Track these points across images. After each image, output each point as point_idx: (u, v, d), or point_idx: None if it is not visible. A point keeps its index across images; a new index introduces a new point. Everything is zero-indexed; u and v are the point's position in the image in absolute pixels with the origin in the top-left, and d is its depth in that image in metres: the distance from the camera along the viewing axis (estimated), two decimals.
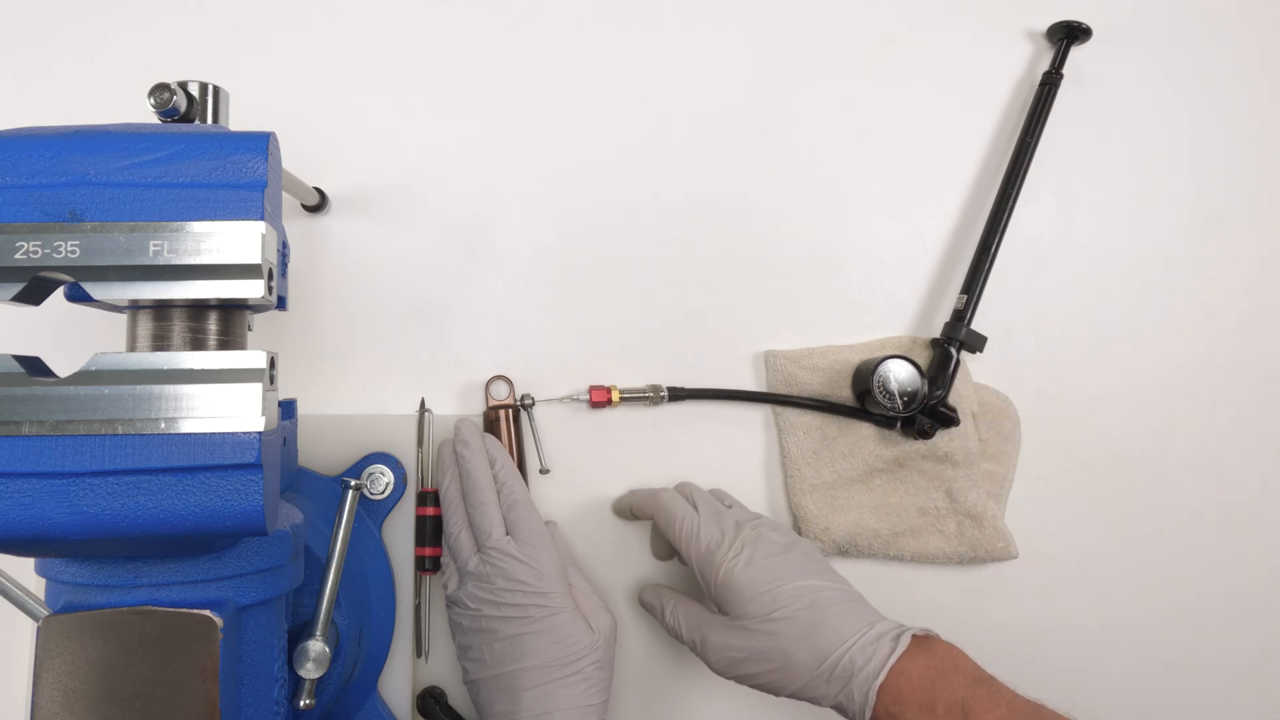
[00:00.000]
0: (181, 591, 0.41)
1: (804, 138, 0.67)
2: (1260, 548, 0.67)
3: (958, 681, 0.46)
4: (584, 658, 0.52)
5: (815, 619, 0.49)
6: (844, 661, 0.48)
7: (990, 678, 0.47)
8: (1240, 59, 0.70)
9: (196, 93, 0.45)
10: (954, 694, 0.45)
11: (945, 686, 0.45)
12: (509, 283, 0.65)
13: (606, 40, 0.67)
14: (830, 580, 0.52)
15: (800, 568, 0.52)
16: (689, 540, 0.54)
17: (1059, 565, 0.65)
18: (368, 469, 0.59)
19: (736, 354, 0.66)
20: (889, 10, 0.69)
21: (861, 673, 0.47)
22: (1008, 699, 0.45)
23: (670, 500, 0.57)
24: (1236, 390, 0.67)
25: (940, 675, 0.46)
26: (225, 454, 0.38)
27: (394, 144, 0.65)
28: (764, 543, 0.53)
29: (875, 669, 0.47)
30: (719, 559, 0.53)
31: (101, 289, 0.38)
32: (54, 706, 0.37)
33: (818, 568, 0.53)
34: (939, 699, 0.45)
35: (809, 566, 0.53)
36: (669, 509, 0.56)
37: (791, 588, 0.51)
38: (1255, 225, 0.69)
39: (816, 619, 0.49)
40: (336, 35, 0.66)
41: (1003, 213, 0.64)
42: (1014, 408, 0.66)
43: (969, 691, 0.45)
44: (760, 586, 0.51)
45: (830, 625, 0.49)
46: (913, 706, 0.46)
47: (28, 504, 0.36)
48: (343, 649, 0.52)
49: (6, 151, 0.38)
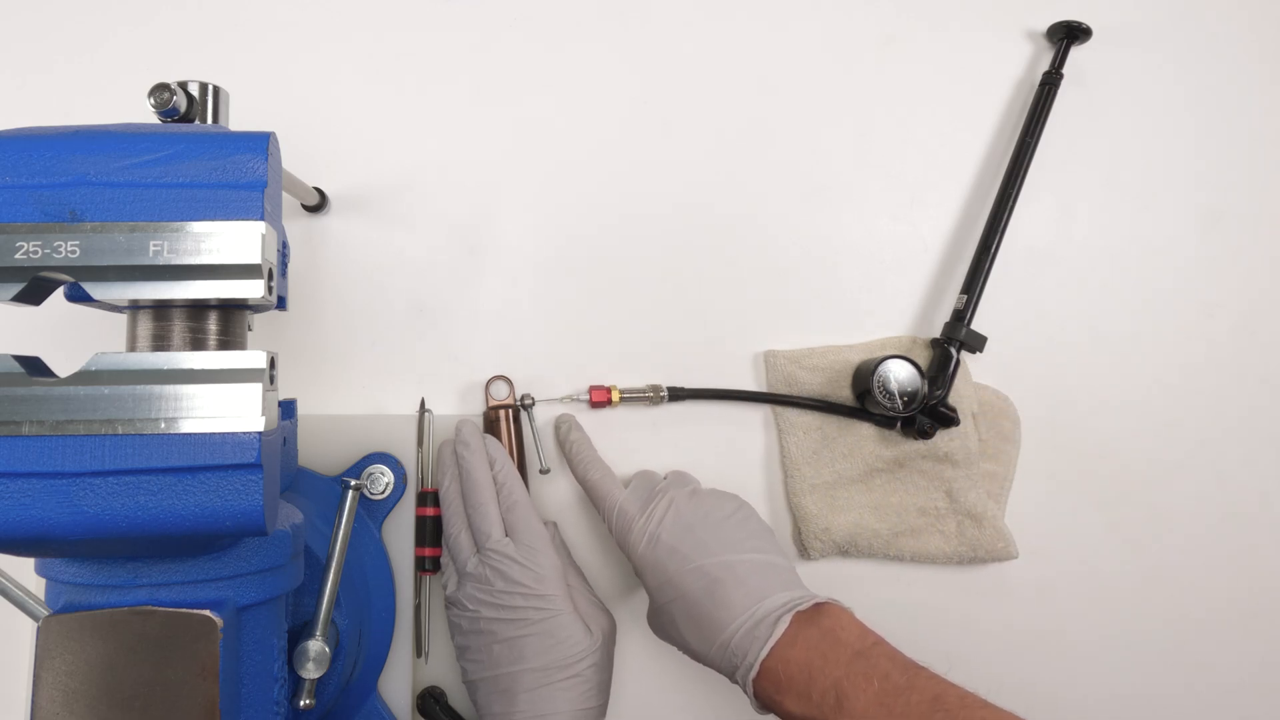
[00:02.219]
0: (181, 591, 0.41)
1: (804, 138, 0.67)
2: (1260, 548, 0.67)
3: (836, 658, 0.45)
4: (582, 660, 0.52)
5: (704, 604, 0.50)
6: (729, 651, 0.49)
7: (873, 645, 0.46)
8: (1240, 59, 0.70)
9: (196, 93, 0.45)
10: (829, 676, 0.45)
11: (822, 667, 0.45)
12: (509, 282, 0.65)
13: (607, 41, 0.67)
14: (732, 552, 0.51)
15: (704, 544, 0.52)
16: (608, 518, 0.56)
17: (1059, 565, 0.65)
18: (368, 469, 0.59)
19: (736, 354, 0.66)
20: (889, 10, 0.69)
21: (743, 664, 0.48)
22: (882, 674, 0.44)
23: (600, 479, 0.58)
24: (1237, 390, 0.67)
25: (819, 655, 0.46)
26: (225, 454, 0.38)
27: (394, 144, 0.65)
28: (670, 520, 0.54)
29: (751, 661, 0.47)
30: (632, 540, 0.54)
31: (101, 289, 0.38)
32: (54, 706, 0.37)
33: (725, 538, 0.53)
34: (814, 683, 0.45)
35: (715, 540, 0.52)
36: (598, 487, 0.58)
37: (691, 568, 0.51)
38: (1256, 225, 0.69)
39: (705, 604, 0.50)
40: (337, 36, 0.66)
41: (1003, 213, 0.64)
42: (1014, 408, 0.66)
43: (845, 670, 0.45)
44: (659, 574, 0.52)
45: (715, 615, 0.49)
46: (791, 694, 0.46)
47: (28, 504, 0.36)
48: (343, 649, 0.52)
49: (6, 151, 0.38)
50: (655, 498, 0.56)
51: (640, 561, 0.54)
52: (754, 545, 0.53)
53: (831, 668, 0.45)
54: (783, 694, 0.46)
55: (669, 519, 0.54)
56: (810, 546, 0.62)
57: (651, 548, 0.53)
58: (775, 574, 0.51)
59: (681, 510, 0.54)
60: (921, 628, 0.48)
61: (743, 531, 0.54)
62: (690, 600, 0.50)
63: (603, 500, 0.57)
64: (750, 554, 0.52)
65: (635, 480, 0.60)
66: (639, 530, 0.54)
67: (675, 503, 0.55)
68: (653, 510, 0.55)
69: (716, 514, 0.55)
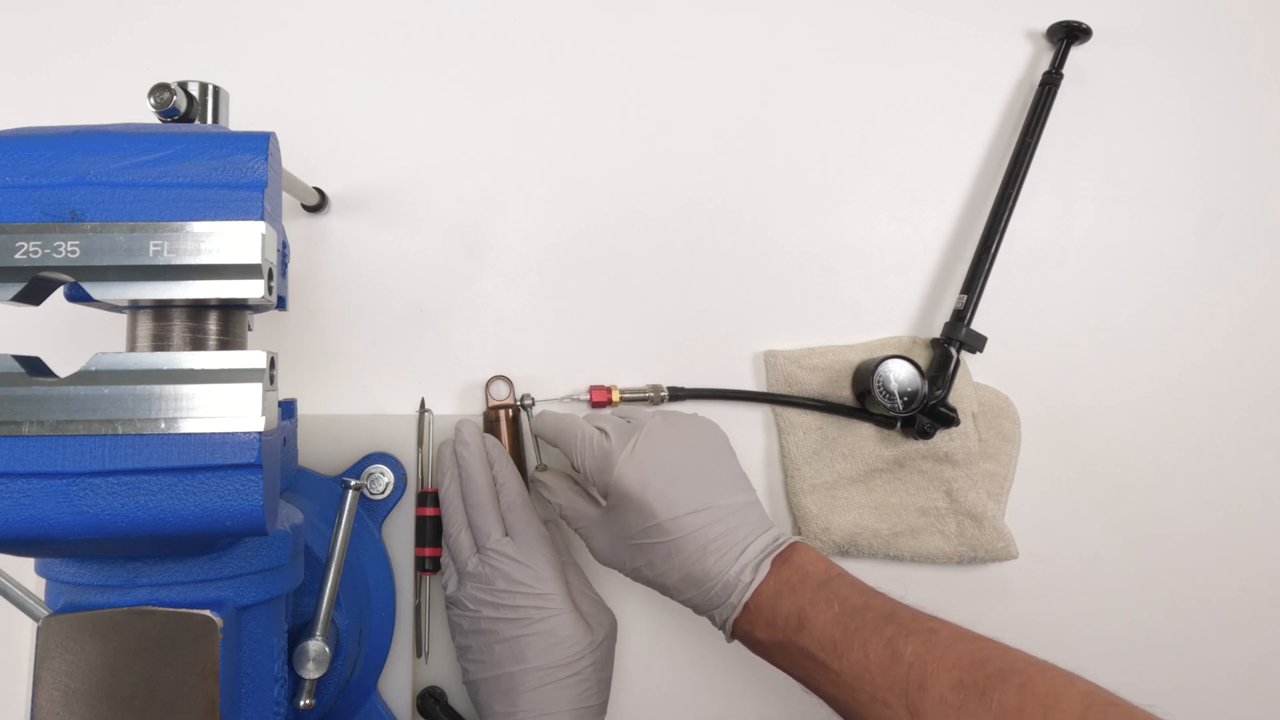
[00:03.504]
0: (181, 591, 0.41)
1: (804, 138, 0.67)
2: (1261, 548, 0.66)
3: (802, 589, 0.48)
4: (582, 659, 0.52)
5: (693, 552, 0.50)
6: (711, 594, 0.50)
7: (835, 577, 0.49)
8: (1241, 59, 0.70)
9: (196, 93, 0.45)
10: (794, 603, 0.48)
11: (790, 597, 0.48)
12: (509, 283, 0.65)
13: (606, 41, 0.67)
14: (718, 496, 0.52)
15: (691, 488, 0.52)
16: (583, 450, 0.54)
17: (1059, 565, 0.65)
18: (368, 469, 0.59)
19: (736, 354, 0.66)
20: (889, 10, 0.69)
21: (724, 604, 0.50)
22: (841, 598, 0.47)
23: (571, 422, 0.56)
24: (1237, 390, 0.67)
25: (788, 587, 0.49)
26: (225, 454, 0.38)
27: (394, 144, 0.65)
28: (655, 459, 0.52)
29: (735, 603, 0.49)
30: (615, 476, 0.52)
31: (101, 289, 0.38)
32: (54, 706, 0.37)
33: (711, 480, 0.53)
34: (779, 610, 0.48)
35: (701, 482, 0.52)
36: (568, 430, 0.56)
37: (683, 515, 0.51)
38: (1256, 225, 0.69)
39: (694, 552, 0.50)
40: (337, 35, 0.66)
41: (1003, 213, 0.64)
42: (1014, 408, 0.66)
43: (809, 597, 0.48)
44: (647, 516, 0.51)
45: (704, 563, 0.50)
46: (760, 623, 0.49)
47: (28, 504, 0.36)
48: (343, 649, 0.52)
49: (6, 151, 0.38)
50: (634, 431, 0.54)
51: (625, 498, 0.52)
52: (734, 486, 0.54)
53: (797, 596, 0.48)
54: (753, 624, 0.49)
55: (653, 454, 0.52)
56: None
57: (642, 487, 0.51)
58: (755, 516, 0.53)
59: (660, 443, 0.53)
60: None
61: (720, 470, 0.54)
62: (680, 547, 0.50)
63: (570, 433, 0.55)
64: (732, 496, 0.53)
65: (595, 417, 0.57)
66: (623, 464, 0.52)
67: (652, 434, 0.53)
68: (635, 443, 0.53)
69: (695, 444, 0.55)
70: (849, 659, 0.45)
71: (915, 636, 0.45)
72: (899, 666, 0.44)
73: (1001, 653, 0.45)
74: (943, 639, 0.45)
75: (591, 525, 0.55)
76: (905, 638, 0.45)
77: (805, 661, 0.47)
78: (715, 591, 0.50)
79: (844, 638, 0.46)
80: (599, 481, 0.53)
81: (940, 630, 0.45)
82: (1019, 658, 0.44)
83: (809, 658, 0.47)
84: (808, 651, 0.47)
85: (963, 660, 0.43)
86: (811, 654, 0.47)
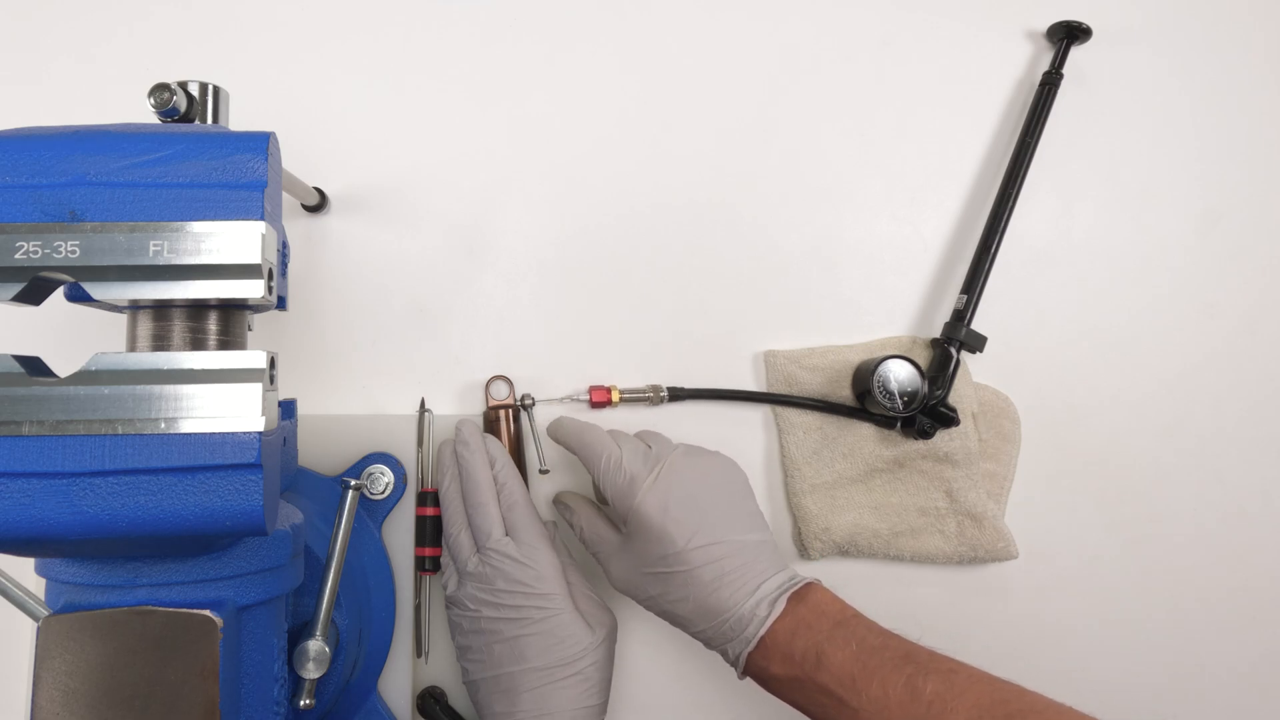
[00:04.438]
0: (181, 591, 0.41)
1: (804, 138, 0.67)
2: (1261, 548, 0.66)
3: (819, 627, 0.49)
4: (583, 658, 0.52)
5: (711, 584, 0.51)
6: (726, 626, 0.50)
7: (852, 618, 0.50)
8: (1241, 59, 0.70)
9: (196, 93, 0.45)
10: (811, 640, 0.48)
11: (806, 634, 0.49)
12: (509, 283, 0.65)
13: (606, 42, 0.67)
14: (736, 533, 0.53)
15: (710, 521, 0.53)
16: (608, 471, 0.55)
17: (1059, 565, 0.65)
18: (368, 469, 0.59)
19: (736, 354, 0.66)
20: (889, 10, 0.69)
21: (739, 638, 0.50)
22: (859, 638, 0.48)
23: (596, 437, 0.56)
24: (1238, 390, 0.67)
25: (804, 625, 0.49)
26: (225, 454, 0.38)
27: (394, 144, 0.65)
28: (676, 489, 0.53)
29: (749, 636, 0.50)
30: (637, 502, 0.53)
31: (101, 289, 0.38)
32: (54, 706, 0.37)
33: (728, 515, 0.54)
34: (796, 647, 0.49)
35: (719, 516, 0.53)
36: (593, 445, 0.56)
37: (701, 546, 0.52)
38: (1256, 225, 0.69)
39: (712, 584, 0.51)
40: (337, 35, 0.66)
41: (1003, 213, 0.64)
42: (1014, 408, 0.66)
43: (826, 635, 0.48)
44: (667, 544, 0.52)
45: (720, 595, 0.51)
46: (776, 659, 0.49)
47: (28, 504, 0.36)
48: (343, 649, 0.52)
49: (6, 151, 0.38)
50: (658, 461, 0.55)
51: (645, 526, 0.52)
52: (750, 524, 0.55)
53: (814, 634, 0.49)
54: (768, 659, 0.49)
55: (675, 486, 0.54)
56: (810, 546, 0.62)
57: (662, 515, 0.52)
58: (771, 555, 0.53)
59: (682, 475, 0.54)
60: (921, 628, 0.49)
61: (738, 508, 0.55)
62: (696, 578, 0.51)
63: (595, 450, 0.55)
64: (750, 533, 0.54)
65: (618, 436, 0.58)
66: (646, 491, 0.53)
67: (675, 466, 0.55)
68: (659, 473, 0.54)
69: (715, 480, 0.56)
70: (868, 695, 0.46)
71: (934, 676, 0.45)
72: (918, 705, 0.44)
73: (1019, 694, 0.45)
74: (961, 679, 0.45)
75: (610, 550, 0.55)
76: (924, 676, 0.45)
77: (822, 698, 0.47)
78: (730, 625, 0.50)
79: (863, 675, 0.46)
80: (620, 505, 0.54)
81: (959, 671, 0.46)
82: (1037, 700, 0.45)
83: (826, 694, 0.47)
84: (825, 688, 0.47)
85: (982, 700, 0.44)
86: (829, 690, 0.47)
